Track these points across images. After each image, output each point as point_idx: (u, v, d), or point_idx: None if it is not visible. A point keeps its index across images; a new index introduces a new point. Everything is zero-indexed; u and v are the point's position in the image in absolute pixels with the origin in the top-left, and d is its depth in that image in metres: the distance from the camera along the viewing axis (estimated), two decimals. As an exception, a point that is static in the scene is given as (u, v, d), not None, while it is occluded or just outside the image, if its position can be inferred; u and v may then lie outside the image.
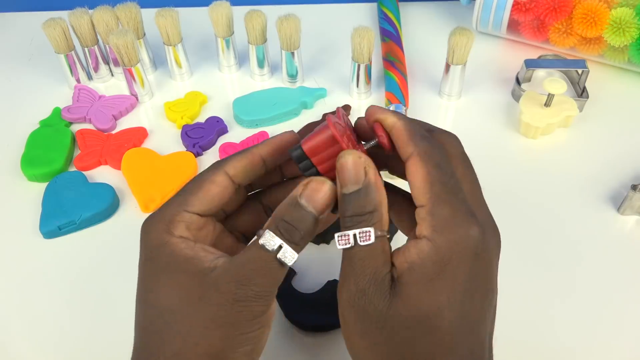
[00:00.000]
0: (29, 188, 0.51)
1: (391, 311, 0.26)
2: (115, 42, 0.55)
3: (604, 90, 0.60)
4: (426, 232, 0.27)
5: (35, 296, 0.43)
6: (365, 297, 0.27)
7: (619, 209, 0.48)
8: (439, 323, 0.26)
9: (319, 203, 0.28)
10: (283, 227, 0.28)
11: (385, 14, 0.69)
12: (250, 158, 0.31)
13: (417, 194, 0.28)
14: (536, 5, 0.61)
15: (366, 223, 0.28)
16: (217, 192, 0.30)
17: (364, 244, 0.27)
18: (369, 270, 0.27)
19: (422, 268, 0.26)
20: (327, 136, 0.29)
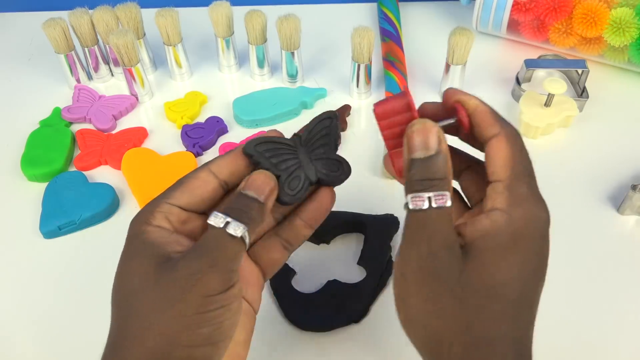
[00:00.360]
0: (29, 188, 0.51)
1: (464, 276, 0.27)
2: (115, 42, 0.55)
3: (604, 90, 0.60)
4: (501, 205, 0.28)
5: (35, 296, 0.43)
6: (437, 260, 0.27)
7: (619, 209, 0.48)
8: (508, 293, 0.27)
9: (259, 188, 0.31)
10: (230, 210, 0.29)
11: (385, 14, 0.69)
12: (234, 156, 0.33)
13: (497, 169, 0.29)
14: (536, 5, 0.61)
15: (438, 188, 0.28)
16: (198, 185, 0.31)
17: (439, 206, 0.28)
18: (441, 233, 0.28)
19: (497, 238, 0.27)
20: (402, 103, 0.31)
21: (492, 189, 0.29)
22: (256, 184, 0.31)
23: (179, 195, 0.31)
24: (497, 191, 0.29)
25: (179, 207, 0.31)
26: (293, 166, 0.33)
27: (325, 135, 0.35)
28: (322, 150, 0.34)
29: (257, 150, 0.32)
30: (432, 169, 0.29)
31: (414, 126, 0.30)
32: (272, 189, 0.31)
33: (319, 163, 0.34)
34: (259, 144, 0.32)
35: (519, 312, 0.27)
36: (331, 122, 0.35)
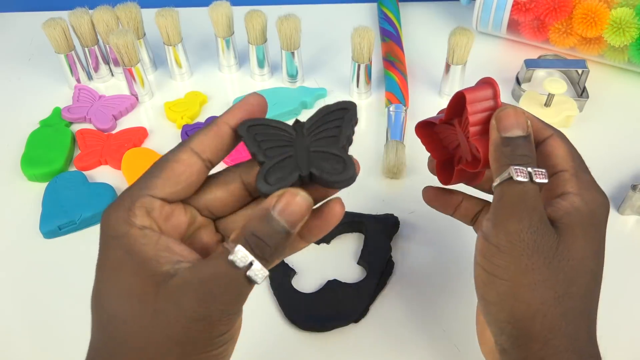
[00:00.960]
0: (29, 188, 0.51)
1: (560, 248, 0.28)
2: (116, 42, 0.55)
3: (604, 90, 0.60)
4: (572, 190, 0.30)
5: (35, 296, 0.43)
6: (537, 234, 0.28)
7: (619, 209, 0.48)
8: (592, 267, 0.29)
9: (292, 217, 0.26)
10: (253, 242, 0.25)
11: (385, 14, 0.69)
12: (216, 130, 0.28)
13: (559, 161, 0.32)
14: (536, 5, 0.61)
15: (535, 165, 0.30)
16: (182, 170, 0.27)
17: (539, 181, 0.29)
18: (539, 207, 0.29)
19: (579, 216, 0.29)
20: (489, 91, 0.33)
21: (558, 178, 0.31)
22: (291, 209, 0.26)
23: (161, 184, 0.27)
24: (565, 178, 0.31)
25: (161, 200, 0.27)
26: (284, 154, 0.28)
27: (335, 128, 0.29)
28: (324, 143, 0.29)
29: (249, 132, 0.28)
30: (526, 146, 0.31)
31: (505, 109, 0.32)
32: (304, 219, 0.26)
33: (318, 156, 0.28)
34: (253, 125, 0.28)
35: (595, 286, 0.30)
36: (346, 113, 0.29)
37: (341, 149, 0.28)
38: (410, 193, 0.50)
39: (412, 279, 0.43)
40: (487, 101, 0.33)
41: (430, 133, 0.38)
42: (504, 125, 0.31)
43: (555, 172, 0.31)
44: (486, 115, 0.33)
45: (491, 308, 0.30)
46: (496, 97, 0.33)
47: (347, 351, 0.39)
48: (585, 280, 0.29)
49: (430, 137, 0.38)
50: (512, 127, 0.31)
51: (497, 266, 0.29)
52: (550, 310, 0.28)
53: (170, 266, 0.25)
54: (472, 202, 0.39)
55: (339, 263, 0.45)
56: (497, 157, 0.31)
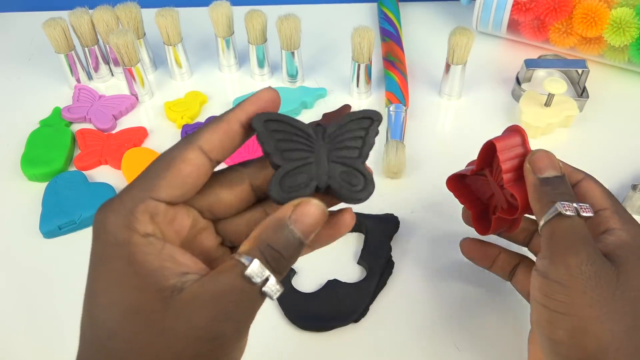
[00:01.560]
0: (29, 188, 0.51)
1: (621, 279, 0.28)
2: (116, 42, 0.55)
3: (604, 90, 0.60)
4: (616, 226, 0.31)
5: (35, 296, 0.43)
6: (596, 266, 0.28)
7: (619, 208, 0.48)
8: None
9: (308, 228, 0.25)
10: (270, 255, 0.24)
11: (385, 14, 0.69)
12: (226, 127, 0.26)
13: (598, 200, 0.33)
14: (536, 5, 0.61)
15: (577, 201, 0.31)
16: (189, 172, 0.25)
17: (586, 215, 0.30)
18: (591, 240, 0.30)
19: (630, 248, 0.30)
20: (518, 139, 0.34)
21: (600, 216, 0.32)
22: (308, 221, 0.25)
23: (166, 186, 0.25)
24: (606, 216, 0.32)
25: (165, 203, 0.25)
26: (303, 160, 0.26)
27: (358, 138, 0.28)
28: (346, 154, 0.27)
29: (266, 127, 0.26)
30: (567, 185, 0.32)
31: (537, 152, 0.33)
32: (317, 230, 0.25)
33: (337, 168, 0.27)
34: (270, 120, 0.26)
35: None
36: (371, 124, 0.28)
37: (362, 164, 0.27)
38: (410, 193, 0.50)
39: (412, 279, 0.43)
40: (516, 148, 0.34)
41: (462, 186, 0.39)
42: (539, 167, 0.32)
43: (596, 210, 0.32)
44: (517, 162, 0.34)
45: (560, 348, 0.29)
46: (525, 143, 0.34)
47: (347, 351, 0.39)
48: None
49: (462, 189, 0.39)
50: (547, 169, 0.32)
51: (561, 302, 0.29)
52: (623, 343, 0.27)
53: (176, 279, 0.24)
54: (509, 255, 0.39)
55: (339, 263, 0.45)
56: (539, 197, 0.32)
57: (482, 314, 0.41)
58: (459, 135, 0.57)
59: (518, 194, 0.34)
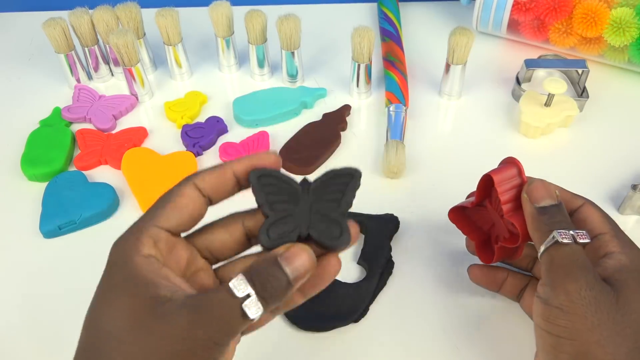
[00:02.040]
0: (29, 188, 0.51)
1: (620, 302, 0.29)
2: (116, 42, 0.55)
3: (604, 90, 0.60)
4: (616, 249, 0.32)
5: (35, 296, 0.43)
6: (596, 291, 0.29)
7: (619, 208, 0.48)
8: None
9: (297, 268, 0.27)
10: (256, 278, 0.26)
11: (385, 14, 0.69)
12: (221, 172, 0.30)
13: (597, 226, 0.34)
14: (536, 5, 0.61)
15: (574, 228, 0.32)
16: (185, 203, 0.29)
17: (583, 241, 0.31)
18: (590, 265, 0.31)
19: (629, 272, 0.31)
20: (513, 171, 0.36)
21: (599, 240, 0.33)
22: (297, 262, 0.27)
23: (165, 216, 0.28)
24: (605, 240, 0.33)
25: (167, 231, 0.28)
26: (289, 211, 0.30)
27: (338, 192, 0.31)
28: (327, 207, 0.31)
29: (259, 181, 0.30)
30: (563, 213, 0.33)
31: (533, 182, 0.35)
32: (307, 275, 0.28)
33: (318, 218, 0.30)
34: (264, 175, 0.30)
35: None
36: (352, 180, 0.31)
37: (340, 215, 0.30)
38: (410, 193, 0.50)
39: (412, 279, 0.43)
40: (513, 179, 0.36)
41: (464, 217, 0.40)
42: (535, 197, 0.34)
43: (595, 235, 0.33)
44: (515, 192, 0.36)
45: None
46: (521, 174, 0.36)
47: (347, 351, 0.39)
48: None
49: (464, 220, 0.40)
50: (543, 198, 0.34)
51: (563, 327, 0.30)
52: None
53: (169, 292, 0.26)
54: (517, 278, 0.40)
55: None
56: (537, 226, 0.33)
57: (482, 314, 0.41)
58: (459, 135, 0.57)
59: (518, 223, 0.35)
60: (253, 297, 0.25)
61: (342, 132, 0.56)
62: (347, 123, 0.57)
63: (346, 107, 0.58)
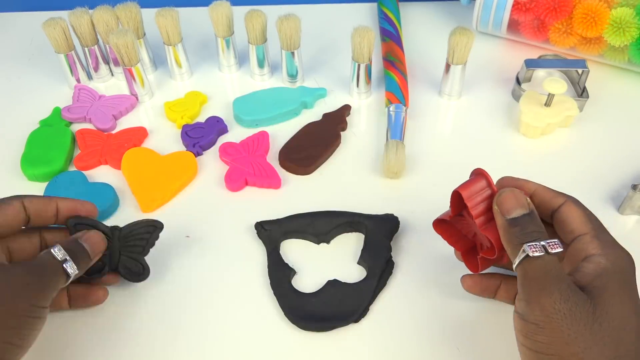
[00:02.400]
0: (29, 188, 0.51)
1: (598, 311, 0.29)
2: (116, 42, 0.55)
3: (604, 90, 0.60)
4: (595, 251, 0.31)
5: (35, 296, 0.43)
6: (571, 302, 0.29)
7: (619, 208, 0.48)
8: (635, 324, 0.29)
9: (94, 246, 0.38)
10: (69, 251, 0.36)
11: (385, 14, 0.69)
12: (47, 201, 0.38)
13: (576, 227, 0.33)
14: (536, 5, 0.61)
15: (546, 237, 0.31)
16: (10, 213, 0.36)
17: (555, 251, 0.31)
18: (563, 276, 0.30)
19: (609, 276, 0.30)
20: (482, 183, 0.35)
21: (580, 242, 0.32)
22: (92, 241, 0.38)
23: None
24: (585, 241, 0.32)
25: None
26: None
27: (143, 239, 0.41)
28: (133, 249, 0.41)
29: (75, 228, 0.39)
30: (535, 222, 0.32)
31: (503, 193, 0.34)
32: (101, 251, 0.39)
33: (126, 258, 0.41)
34: (79, 223, 0.39)
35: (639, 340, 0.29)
36: (154, 230, 0.42)
37: (142, 258, 0.41)
38: (410, 193, 0.50)
39: (412, 279, 0.43)
40: (483, 191, 0.35)
41: (448, 227, 0.40)
42: (506, 209, 0.33)
43: (575, 236, 0.33)
44: (487, 204, 0.35)
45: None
46: (490, 185, 0.35)
47: (347, 351, 0.39)
48: (631, 339, 0.29)
49: (448, 231, 0.40)
50: (514, 208, 0.33)
51: (541, 343, 0.29)
52: None
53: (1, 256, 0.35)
54: (510, 283, 0.40)
55: (339, 263, 0.45)
56: (509, 239, 0.32)
57: (482, 315, 0.41)
58: (459, 135, 0.57)
59: (492, 235, 0.35)
60: (69, 262, 0.35)
61: (342, 132, 0.56)
62: (347, 123, 0.57)
63: (346, 107, 0.58)
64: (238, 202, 0.50)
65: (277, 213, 0.47)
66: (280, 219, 0.47)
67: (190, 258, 0.45)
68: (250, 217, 0.47)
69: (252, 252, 0.45)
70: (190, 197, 0.50)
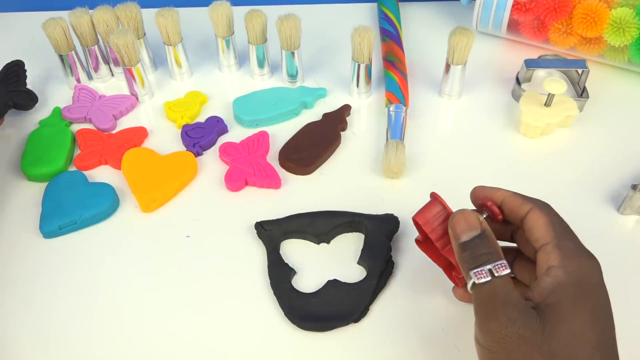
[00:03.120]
0: (29, 188, 0.51)
1: (546, 332, 0.28)
2: (116, 42, 0.55)
3: (604, 90, 0.60)
4: (555, 262, 0.31)
5: (35, 296, 0.43)
6: (517, 325, 0.29)
7: (619, 208, 0.48)
8: (590, 338, 0.29)
9: None
10: None
11: (385, 14, 0.69)
12: None
13: (540, 235, 0.32)
14: (536, 5, 0.61)
15: (494, 259, 0.31)
16: None
17: (501, 274, 0.31)
18: (512, 299, 0.30)
19: (564, 290, 0.30)
20: (436, 207, 0.36)
21: (542, 252, 0.32)
22: None
23: None
24: (547, 252, 0.31)
25: None
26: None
27: (17, 76, 0.57)
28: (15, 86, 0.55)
29: None
30: (482, 244, 0.32)
31: (454, 216, 0.34)
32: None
33: (14, 94, 0.55)
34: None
35: (603, 356, 0.29)
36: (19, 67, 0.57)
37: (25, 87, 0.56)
38: (410, 193, 0.50)
39: (412, 279, 0.43)
40: (440, 214, 0.36)
41: (426, 245, 0.40)
42: (457, 233, 0.33)
43: (540, 245, 0.32)
44: (444, 227, 0.36)
45: None
46: (445, 208, 0.36)
47: (347, 351, 0.39)
48: (586, 354, 0.28)
49: (432, 249, 0.40)
50: (464, 232, 0.33)
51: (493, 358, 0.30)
52: None
53: None
54: None
55: (339, 263, 0.45)
56: (461, 264, 0.33)
57: (482, 314, 0.41)
58: (459, 135, 0.57)
59: (453, 257, 0.35)
60: None
61: (342, 132, 0.56)
62: (347, 123, 0.57)
63: (346, 107, 0.58)
64: (238, 202, 0.50)
65: (277, 213, 0.47)
66: (280, 219, 0.47)
67: (190, 258, 0.45)
68: (250, 217, 0.47)
69: (252, 252, 0.45)
70: (190, 197, 0.50)
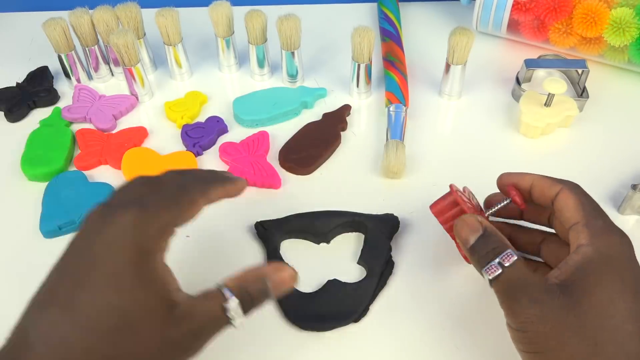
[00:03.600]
0: (29, 188, 0.51)
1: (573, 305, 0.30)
2: (116, 42, 0.55)
3: (604, 90, 0.60)
4: (584, 241, 0.32)
5: (35, 296, 0.43)
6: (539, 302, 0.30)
7: (619, 208, 0.48)
8: (620, 310, 0.29)
9: (280, 292, 0.33)
10: (245, 299, 0.31)
11: (385, 14, 0.69)
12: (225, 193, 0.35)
13: (570, 215, 0.33)
14: (536, 5, 0.61)
15: (500, 251, 0.33)
16: (193, 213, 0.33)
17: (510, 262, 0.32)
18: (530, 281, 0.31)
19: (592, 266, 0.31)
20: (450, 200, 0.38)
21: (572, 232, 0.33)
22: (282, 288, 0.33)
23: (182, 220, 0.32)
24: (577, 231, 0.32)
25: None
26: None
27: None
28: None
29: None
30: (486, 242, 0.33)
31: (457, 224, 0.35)
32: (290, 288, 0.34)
33: None
34: None
35: (635, 327, 0.29)
36: None
37: None
38: (410, 193, 0.50)
39: (412, 279, 0.43)
40: (454, 207, 0.37)
41: None
42: (463, 239, 0.35)
43: (571, 225, 0.33)
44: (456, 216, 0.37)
45: None
46: (458, 203, 0.37)
47: (347, 351, 0.39)
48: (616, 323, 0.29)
49: None
50: (468, 237, 0.34)
51: (528, 344, 0.31)
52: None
53: (175, 293, 0.30)
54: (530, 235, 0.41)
55: (339, 263, 0.45)
56: (475, 267, 0.34)
57: (482, 314, 0.41)
58: (459, 135, 0.57)
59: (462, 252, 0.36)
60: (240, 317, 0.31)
61: (342, 132, 0.56)
62: (347, 123, 0.57)
63: (346, 107, 0.58)
64: (238, 202, 0.50)
65: (277, 213, 0.47)
66: (280, 219, 0.47)
67: (190, 258, 0.45)
68: (250, 217, 0.47)
69: (252, 252, 0.45)
70: (190, 197, 0.50)
